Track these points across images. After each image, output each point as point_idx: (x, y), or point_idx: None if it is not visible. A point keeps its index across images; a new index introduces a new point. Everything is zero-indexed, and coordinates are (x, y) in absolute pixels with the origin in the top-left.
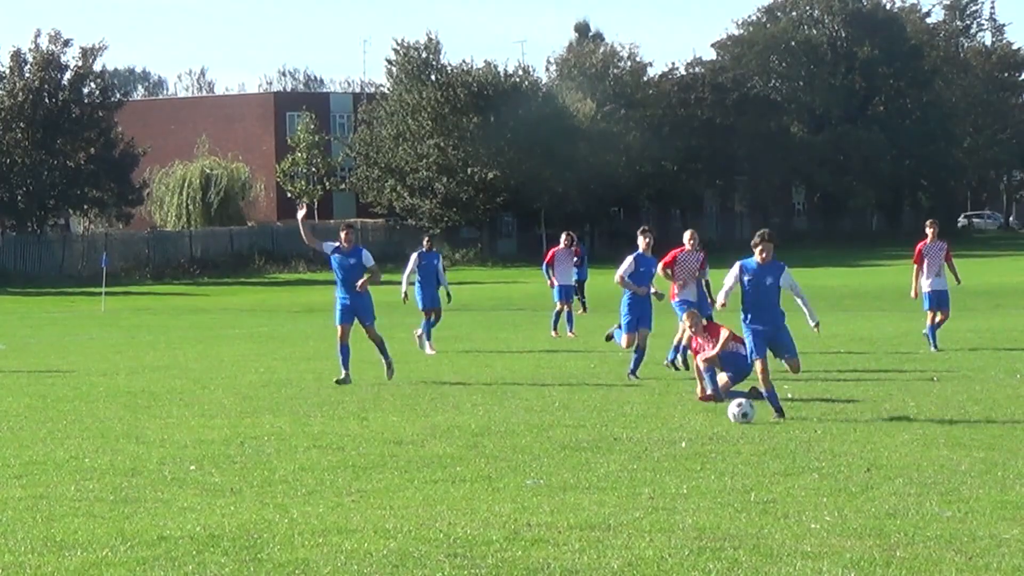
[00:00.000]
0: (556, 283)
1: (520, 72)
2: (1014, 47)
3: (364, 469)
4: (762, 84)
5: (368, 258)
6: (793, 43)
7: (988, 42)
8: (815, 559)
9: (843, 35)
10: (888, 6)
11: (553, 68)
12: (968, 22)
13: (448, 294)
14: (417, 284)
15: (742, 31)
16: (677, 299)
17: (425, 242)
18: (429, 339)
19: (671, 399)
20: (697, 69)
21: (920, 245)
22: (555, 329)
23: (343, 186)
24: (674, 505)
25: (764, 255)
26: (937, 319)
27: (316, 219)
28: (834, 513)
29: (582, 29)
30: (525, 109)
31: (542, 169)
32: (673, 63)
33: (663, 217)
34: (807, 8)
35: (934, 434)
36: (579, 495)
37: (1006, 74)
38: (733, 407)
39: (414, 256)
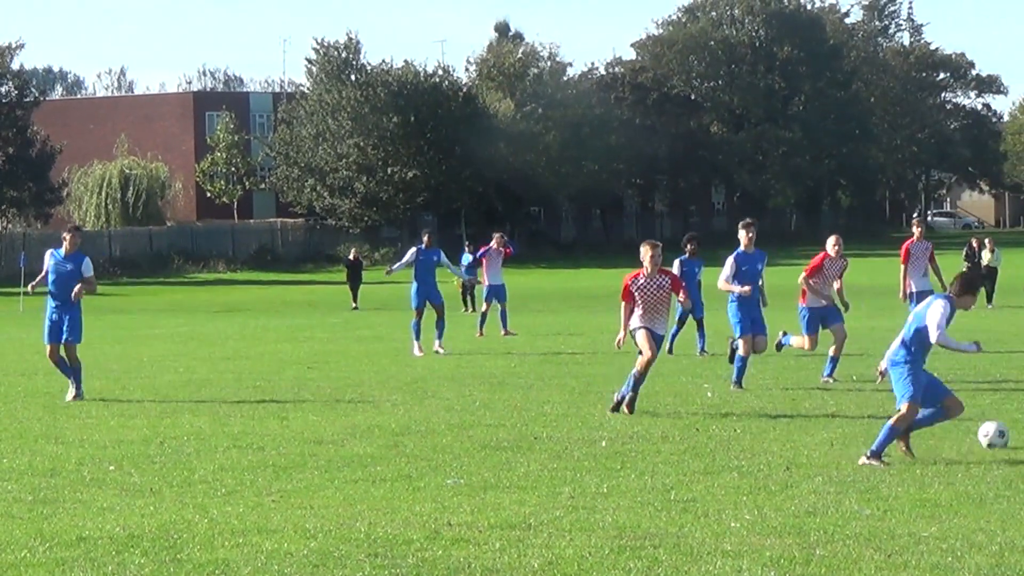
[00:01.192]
0: (487, 283)
1: (440, 72)
2: (932, 47)
3: (284, 469)
4: (682, 84)
5: (88, 267)
6: (713, 43)
7: (906, 42)
8: (735, 557)
9: (763, 35)
10: (808, 7)
11: (473, 68)
12: (887, 22)
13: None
14: (413, 282)
15: (662, 31)
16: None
17: (425, 238)
18: (419, 338)
19: (591, 398)
20: (617, 69)
21: (906, 244)
22: (481, 330)
23: (263, 186)
24: (594, 504)
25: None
26: None
27: (236, 219)
28: (754, 511)
29: (502, 29)
30: (445, 109)
31: (462, 169)
32: (593, 63)
33: (582, 217)
34: (727, 8)
35: (853, 432)
36: (499, 494)
37: (924, 74)
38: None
39: (412, 251)
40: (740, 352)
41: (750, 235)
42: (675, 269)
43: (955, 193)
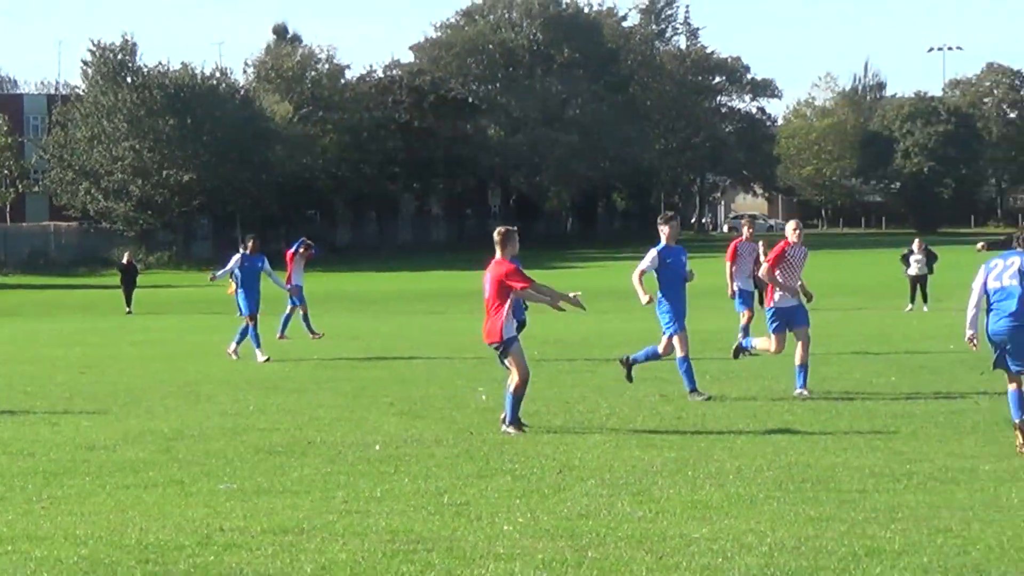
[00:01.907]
0: (291, 283)
1: (217, 74)
2: (708, 51)
3: (55, 475)
4: (460, 87)
5: None
6: (491, 46)
7: (683, 46)
8: (508, 560)
9: (541, 38)
10: (586, 10)
11: (251, 70)
12: (664, 26)
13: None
14: (239, 289)
15: (440, 34)
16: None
17: (250, 243)
18: (259, 346)
19: (364, 402)
20: (395, 72)
21: (734, 243)
22: (283, 333)
23: (36, 188)
24: (368, 508)
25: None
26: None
27: (8, 222)
28: (527, 514)
29: (280, 31)
30: (222, 111)
31: (238, 172)
32: (371, 66)
33: (359, 220)
34: (505, 11)
35: (626, 435)
36: (273, 499)
37: (700, 77)
38: None
39: (236, 257)
40: (680, 354)
41: (671, 229)
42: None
43: (729, 196)
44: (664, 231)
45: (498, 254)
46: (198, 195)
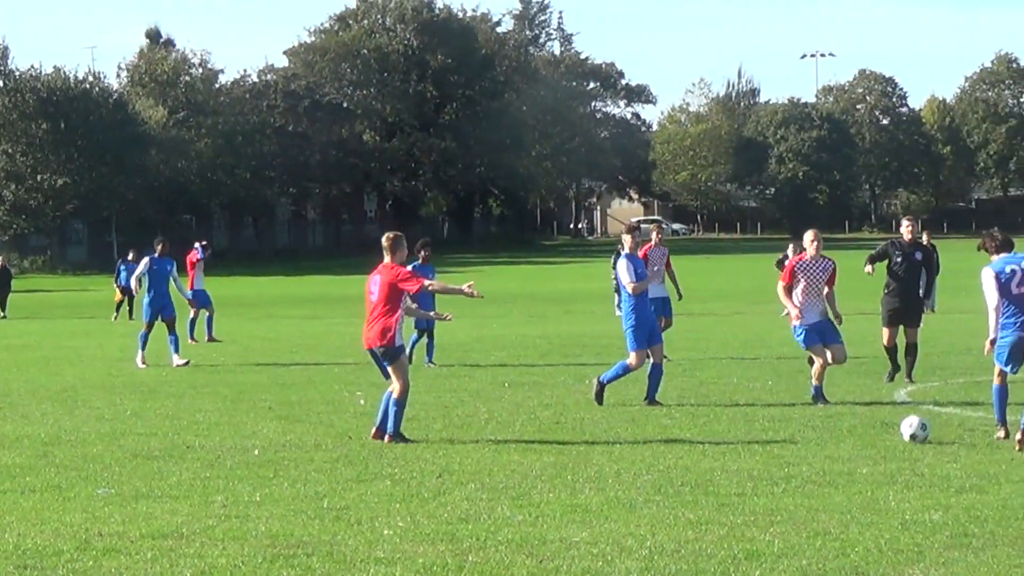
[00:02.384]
0: (193, 288)
1: (91, 78)
2: (583, 57)
3: None
4: (335, 91)
5: None
6: (366, 51)
7: (557, 52)
8: (388, 565)
9: (415, 43)
10: (460, 16)
11: (124, 74)
12: (538, 32)
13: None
14: (146, 294)
15: (314, 39)
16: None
17: (159, 247)
18: (144, 349)
19: (244, 406)
20: (269, 76)
21: (645, 248)
22: (192, 336)
23: None
24: (247, 513)
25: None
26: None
27: None
28: (407, 519)
29: (153, 35)
30: (96, 116)
31: (113, 176)
32: (246, 70)
33: (235, 224)
34: (379, 16)
35: (505, 439)
36: (151, 504)
37: (575, 83)
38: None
39: (145, 260)
40: (632, 363)
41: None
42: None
43: (605, 201)
44: (626, 240)
45: (387, 259)
46: (72, 199)
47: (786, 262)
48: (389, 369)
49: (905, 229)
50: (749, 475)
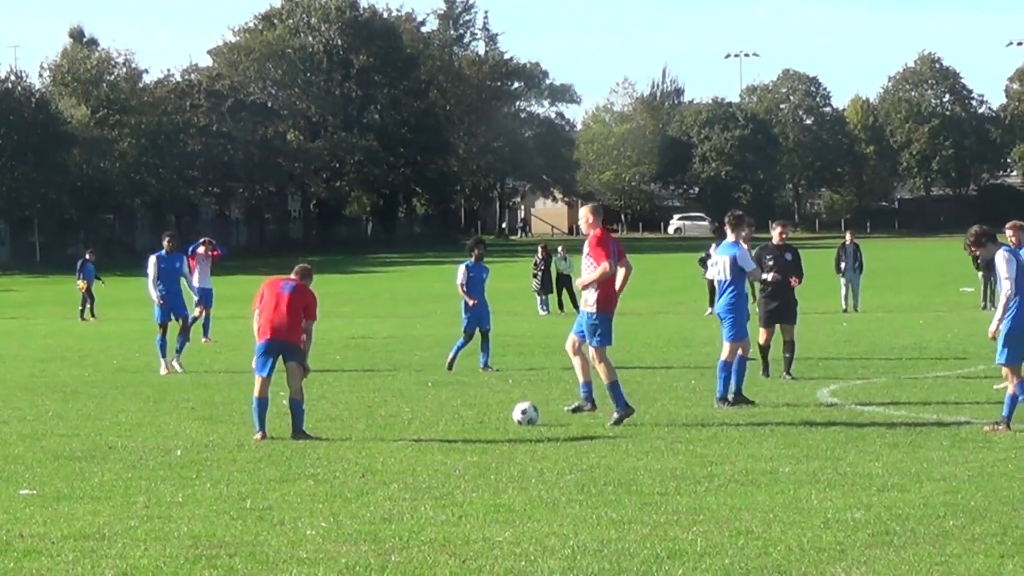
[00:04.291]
0: (197, 286)
1: (12, 77)
2: (507, 56)
3: None
4: (259, 91)
5: None
6: (290, 50)
7: (482, 51)
8: (311, 565)
9: (339, 43)
10: (385, 15)
11: (47, 74)
12: (462, 31)
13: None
14: (155, 293)
15: (238, 38)
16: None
17: (166, 242)
18: (165, 355)
19: (166, 407)
20: (193, 76)
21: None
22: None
23: None
24: (169, 513)
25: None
26: None
27: None
28: (329, 519)
29: (76, 35)
30: (17, 115)
31: (35, 175)
32: (169, 70)
33: (158, 224)
34: (304, 16)
35: (429, 439)
36: (73, 505)
37: (499, 83)
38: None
39: (153, 259)
40: (727, 356)
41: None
42: (460, 276)
43: (529, 201)
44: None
45: (303, 283)
46: None
47: (708, 261)
48: (291, 366)
49: (775, 233)
50: (672, 474)
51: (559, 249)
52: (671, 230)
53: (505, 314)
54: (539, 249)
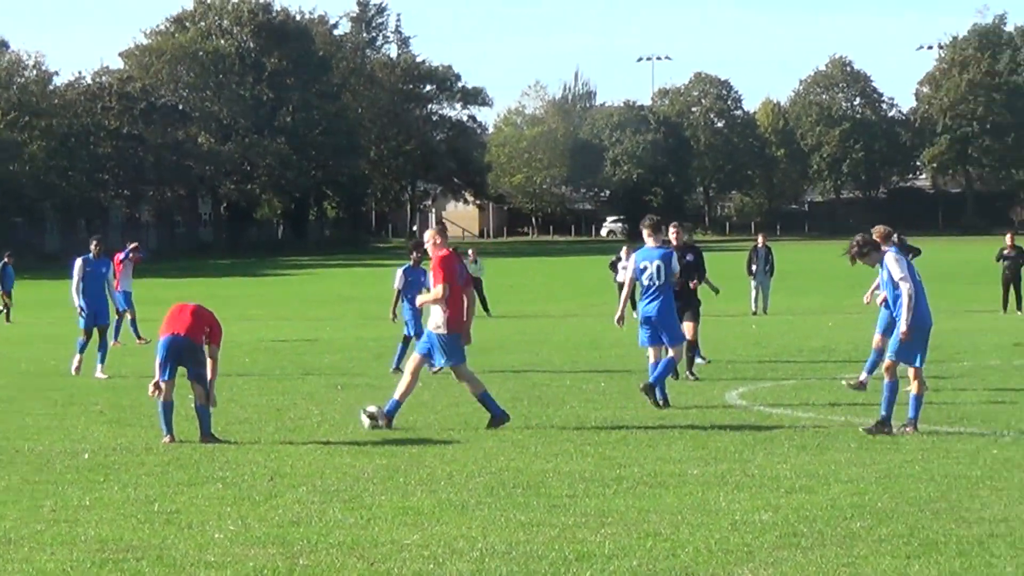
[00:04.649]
0: (120, 289)
1: None
2: (419, 59)
3: None
4: (170, 94)
5: None
6: (202, 53)
7: (394, 54)
8: (218, 568)
9: (252, 46)
10: (297, 17)
11: None
12: (375, 34)
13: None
14: (81, 297)
15: (150, 40)
16: None
17: (93, 246)
18: (81, 352)
19: (74, 410)
20: (104, 78)
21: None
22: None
23: None
24: (77, 517)
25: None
26: None
27: None
28: (237, 522)
29: None
30: None
31: None
32: (80, 72)
33: (68, 228)
34: (216, 18)
35: (337, 441)
36: None
37: (411, 86)
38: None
39: (79, 263)
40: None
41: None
42: (397, 280)
43: (440, 204)
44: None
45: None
46: None
47: (619, 264)
48: (196, 388)
49: (672, 235)
50: (580, 477)
51: (469, 252)
52: (604, 232)
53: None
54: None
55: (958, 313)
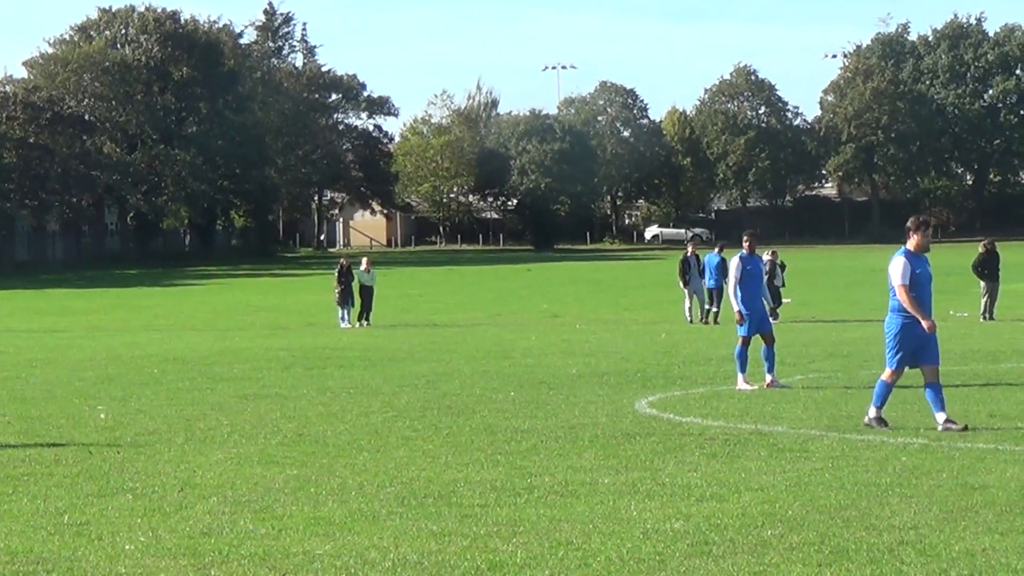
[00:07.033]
0: None
1: None
2: (324, 68)
3: None
4: (76, 103)
5: None
6: (108, 62)
7: (300, 64)
8: None
9: (158, 55)
10: (206, 26)
11: None
12: (281, 43)
13: None
14: None
15: (55, 49)
16: None
17: None
18: None
19: None
20: (8, 88)
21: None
22: None
23: None
24: None
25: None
26: None
27: None
28: (148, 533)
29: None
30: None
31: None
32: None
33: None
34: (121, 27)
35: (248, 452)
36: None
37: (317, 95)
38: None
39: None
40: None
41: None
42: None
43: (348, 213)
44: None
45: None
46: None
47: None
48: None
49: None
50: (492, 486)
51: (363, 262)
52: (647, 237)
53: (323, 326)
54: (340, 262)
55: (869, 321)
